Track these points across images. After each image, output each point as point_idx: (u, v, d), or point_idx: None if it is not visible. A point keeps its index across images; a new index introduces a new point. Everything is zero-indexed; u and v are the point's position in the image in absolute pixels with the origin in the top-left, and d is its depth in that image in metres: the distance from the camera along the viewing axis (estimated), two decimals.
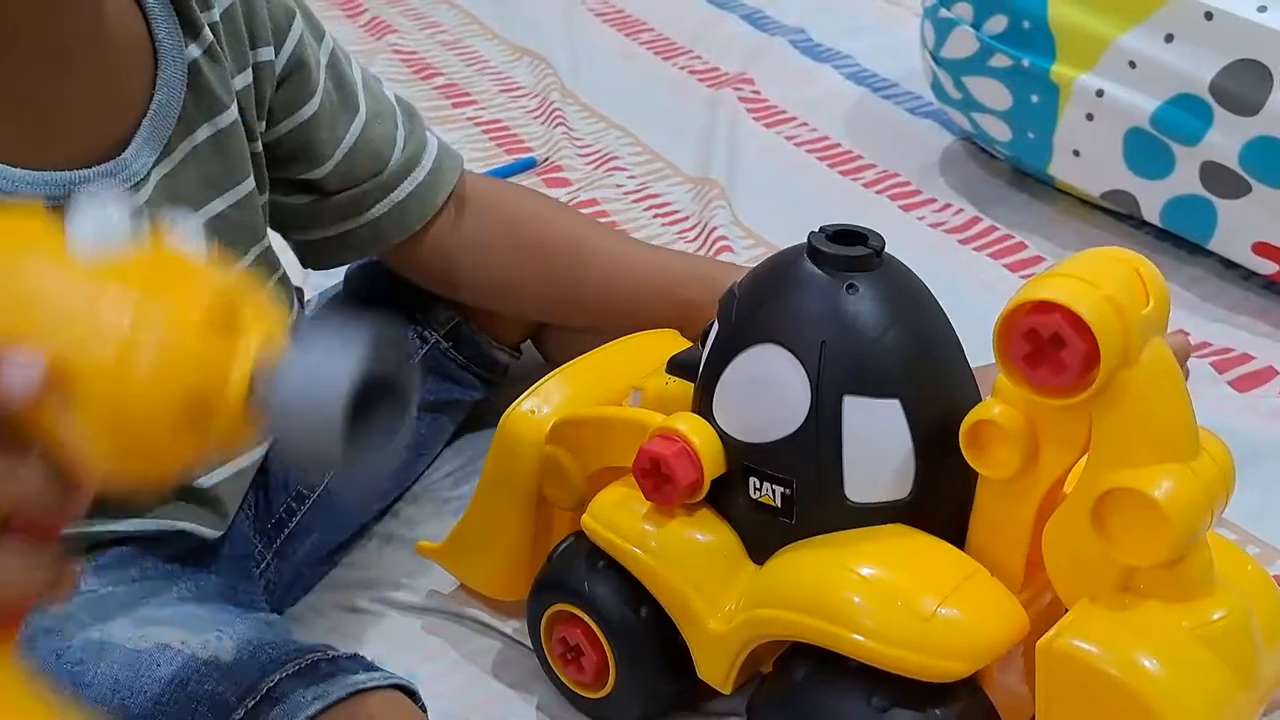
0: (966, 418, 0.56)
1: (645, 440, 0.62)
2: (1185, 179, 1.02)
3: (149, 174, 0.62)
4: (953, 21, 1.13)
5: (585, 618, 0.66)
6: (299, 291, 0.81)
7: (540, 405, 0.70)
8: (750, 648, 0.60)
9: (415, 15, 1.67)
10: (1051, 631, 0.53)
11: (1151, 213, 1.07)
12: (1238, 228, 1.02)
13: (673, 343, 0.72)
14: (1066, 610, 0.55)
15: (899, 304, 0.59)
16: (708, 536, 0.62)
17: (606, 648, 0.66)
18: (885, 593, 0.56)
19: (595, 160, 1.30)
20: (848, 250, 0.59)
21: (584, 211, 1.17)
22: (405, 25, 1.64)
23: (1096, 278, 0.51)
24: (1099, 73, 1.05)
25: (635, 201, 1.22)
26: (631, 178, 1.27)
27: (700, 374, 0.63)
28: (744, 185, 1.23)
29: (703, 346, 0.64)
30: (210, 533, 0.69)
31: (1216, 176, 1.00)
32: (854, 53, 1.49)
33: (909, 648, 0.55)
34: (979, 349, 0.60)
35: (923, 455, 0.58)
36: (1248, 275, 1.06)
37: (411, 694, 0.60)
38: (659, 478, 0.61)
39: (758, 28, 1.57)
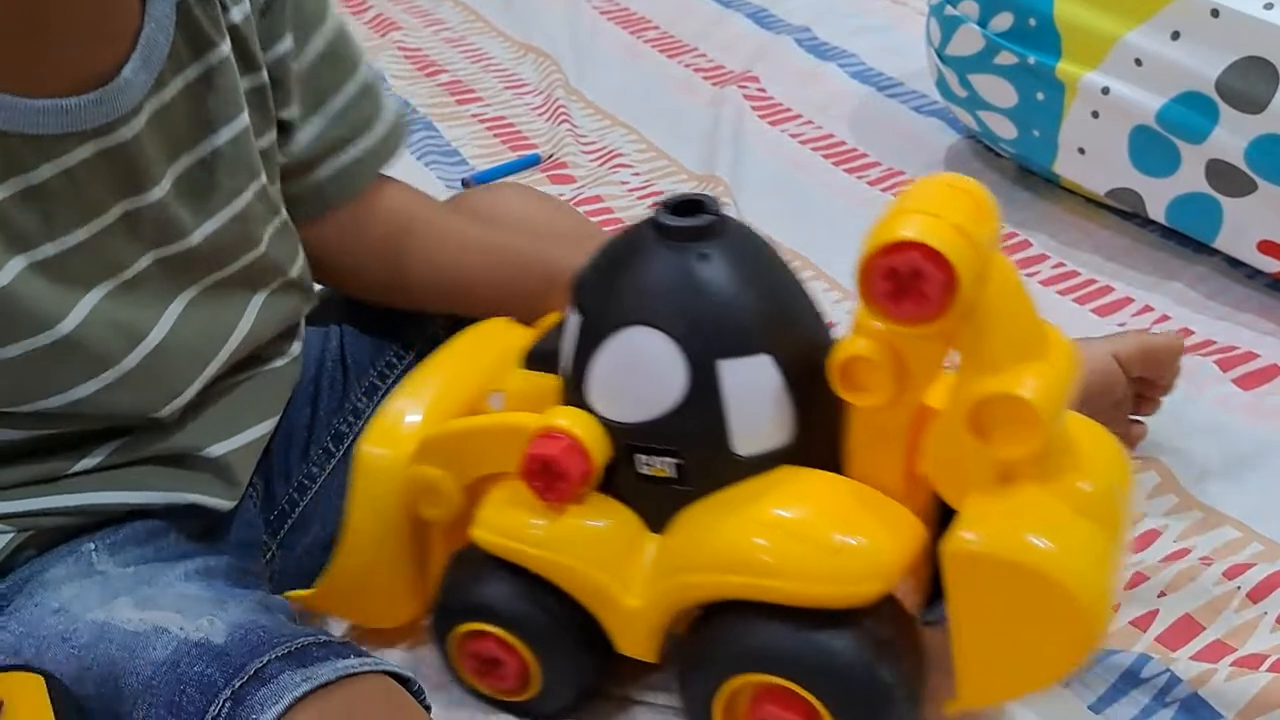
0: (835, 356, 0.58)
1: (526, 443, 0.62)
2: (1191, 177, 1.02)
3: (141, 105, 0.62)
4: (958, 19, 1.13)
5: (495, 630, 0.66)
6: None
7: (395, 425, 0.69)
8: (673, 615, 0.62)
9: (420, 13, 1.67)
10: (949, 534, 0.55)
11: (1157, 211, 1.07)
12: (1243, 226, 1.02)
13: (507, 332, 0.72)
14: (946, 509, 0.59)
15: (750, 264, 0.61)
16: (604, 520, 0.63)
17: (525, 652, 0.66)
18: (792, 534, 0.59)
19: (600, 158, 1.30)
20: (692, 221, 0.60)
21: (587, 209, 1.18)
22: (410, 22, 1.64)
23: (939, 208, 0.53)
24: (1105, 70, 1.05)
25: (640, 199, 1.22)
26: (636, 175, 1.27)
27: (566, 364, 0.64)
28: (749, 183, 1.23)
29: (560, 338, 0.64)
30: (220, 503, 0.69)
31: (1222, 174, 1.00)
32: (859, 51, 1.49)
33: (826, 581, 0.57)
34: None
35: (797, 400, 0.61)
36: (1253, 273, 1.06)
37: (405, 681, 0.60)
38: (550, 477, 0.62)
39: (763, 26, 1.57)
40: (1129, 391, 0.82)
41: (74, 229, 0.61)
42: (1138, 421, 0.85)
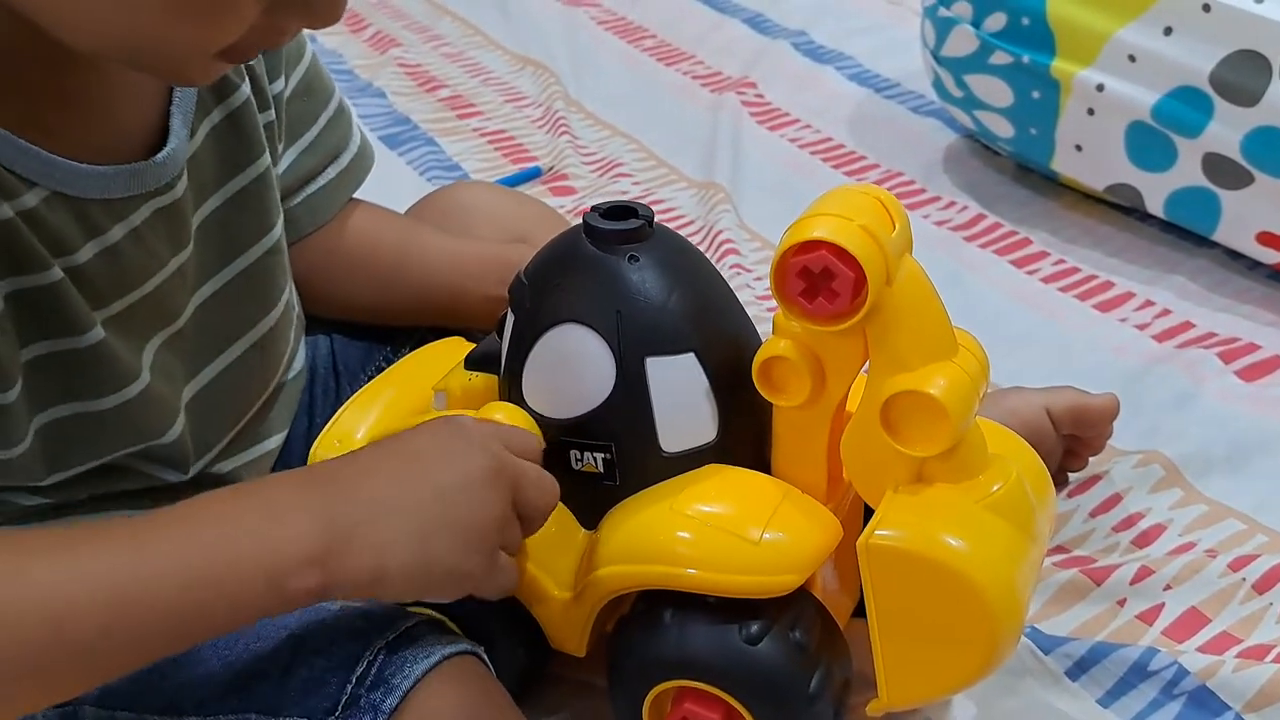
0: (756, 357, 0.60)
1: None
2: (1188, 171, 1.03)
3: (184, 162, 0.63)
4: (952, 20, 1.14)
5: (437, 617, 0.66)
6: None
7: (347, 433, 0.69)
8: (598, 608, 0.63)
9: (419, 29, 1.68)
10: (866, 530, 0.57)
11: (1155, 205, 1.07)
12: (1242, 218, 1.02)
13: (460, 348, 0.73)
14: (868, 509, 0.60)
15: (678, 266, 0.63)
16: None
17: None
18: (714, 527, 0.60)
19: (600, 168, 1.31)
20: (622, 225, 0.62)
21: None
22: (409, 39, 1.65)
23: (849, 212, 0.56)
24: (1099, 67, 1.05)
25: None
26: (636, 184, 1.28)
27: (504, 364, 0.65)
28: (748, 188, 1.24)
29: (499, 337, 0.66)
30: None
31: (1219, 168, 1.00)
32: (856, 54, 1.49)
33: (744, 571, 0.59)
34: (987, 343, 0.62)
35: (722, 399, 0.63)
36: (1253, 265, 1.06)
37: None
38: None
39: (760, 31, 1.57)
40: (1058, 447, 0.83)
41: (140, 285, 0.62)
42: (1063, 476, 0.85)
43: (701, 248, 1.14)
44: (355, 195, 0.81)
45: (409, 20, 1.71)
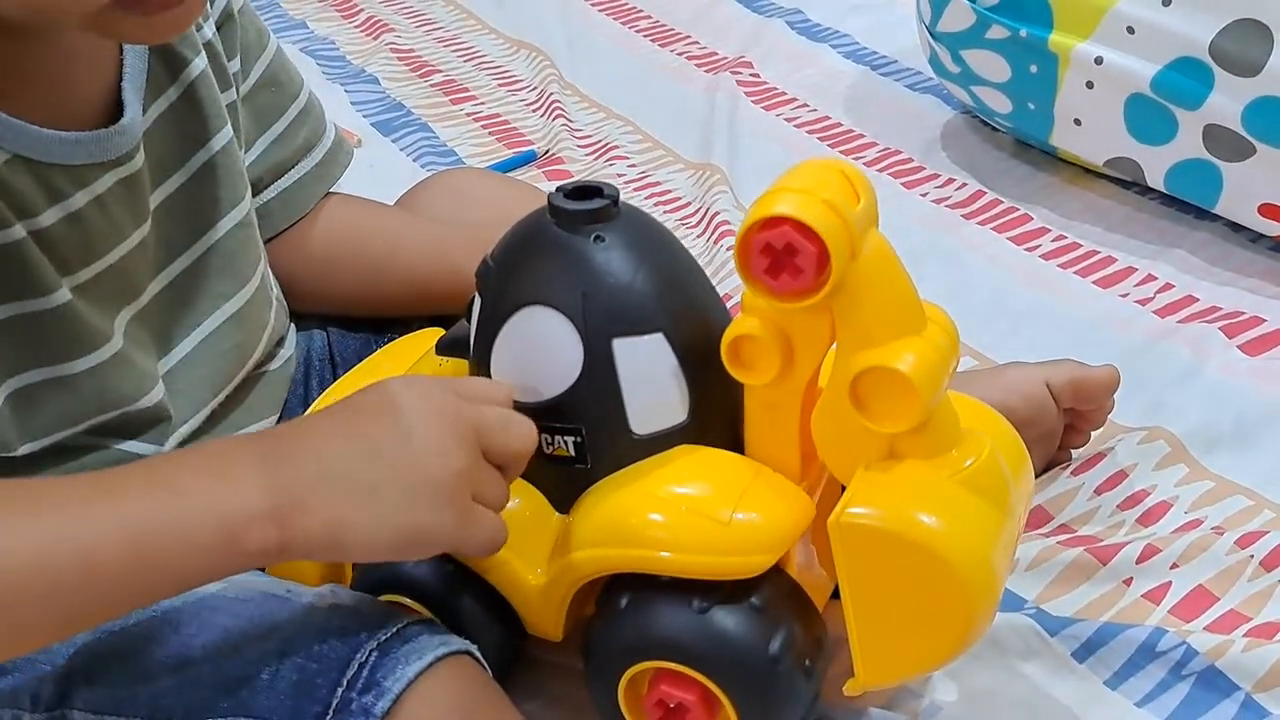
0: (725, 336, 0.59)
1: None
2: (1188, 143, 1.01)
3: (140, 135, 0.64)
4: None
5: (409, 604, 0.66)
6: None
7: None
8: (572, 592, 0.63)
9: (411, 13, 1.67)
10: (836, 509, 0.56)
11: (1156, 178, 1.06)
12: (1243, 190, 1.01)
13: (435, 337, 0.73)
14: (844, 488, 0.59)
15: (643, 246, 0.62)
16: (512, 501, 0.63)
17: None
18: (685, 509, 0.60)
19: (596, 151, 1.30)
20: (587, 204, 0.62)
21: None
22: (402, 24, 1.64)
23: (811, 186, 0.55)
24: (1097, 40, 1.04)
25: (637, 190, 1.22)
26: (632, 166, 1.27)
27: (472, 348, 0.65)
28: (745, 169, 1.23)
29: (468, 321, 0.65)
30: None
31: (1220, 139, 0.99)
32: (852, 31, 1.48)
33: (716, 552, 0.59)
34: (988, 321, 0.61)
35: (692, 379, 0.62)
36: (1255, 237, 1.05)
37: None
38: None
39: (754, 10, 1.56)
40: (1060, 423, 0.82)
41: (105, 254, 0.63)
42: (1066, 453, 0.84)
43: (698, 230, 1.13)
44: (346, 190, 0.81)
45: (401, 5, 1.70)
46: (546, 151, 1.30)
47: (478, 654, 0.60)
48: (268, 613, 0.60)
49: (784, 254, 0.55)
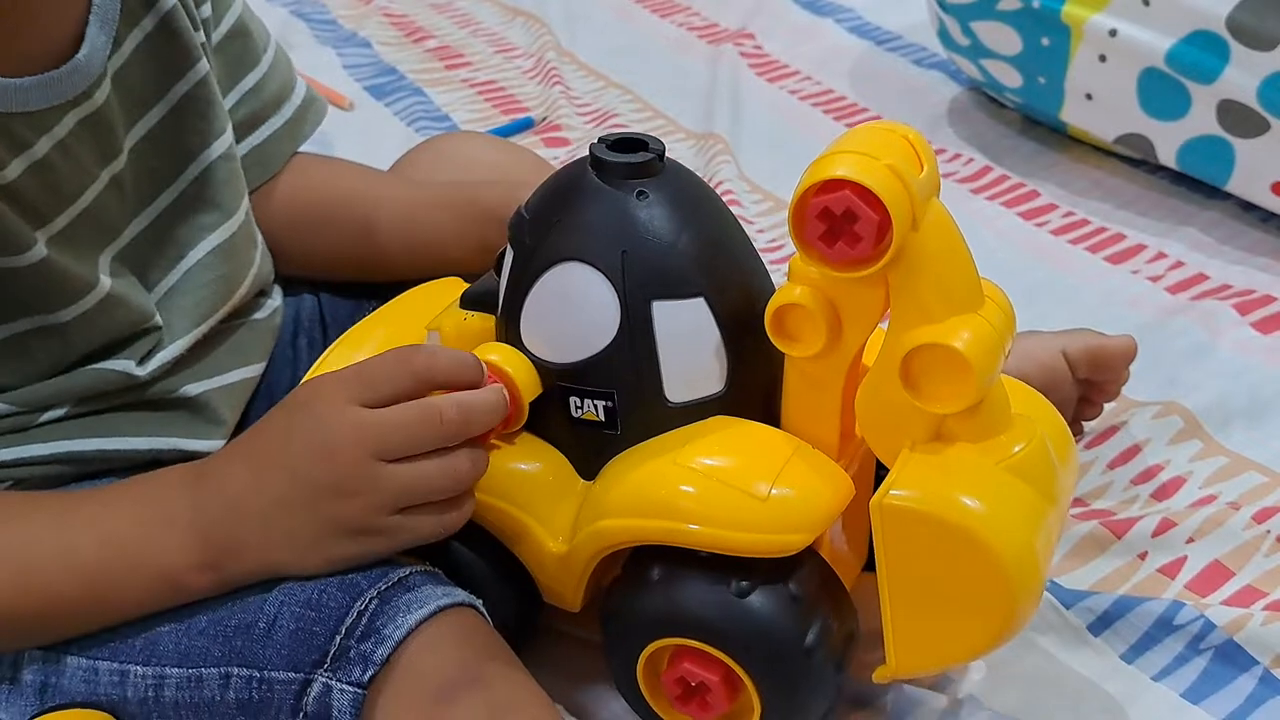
0: (770, 304, 0.57)
1: None
2: (1202, 119, 1.00)
3: (105, 68, 0.62)
4: None
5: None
6: None
7: (335, 368, 0.66)
8: (595, 562, 0.60)
9: None
10: (880, 490, 0.54)
11: (1168, 155, 1.05)
12: (1256, 168, 0.99)
13: (456, 288, 0.70)
14: (880, 467, 0.58)
15: (688, 206, 0.59)
16: (533, 463, 0.61)
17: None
18: (720, 481, 0.57)
19: (595, 118, 1.28)
20: (632, 158, 0.59)
21: None
22: None
23: (874, 150, 0.52)
24: (1111, 11, 1.02)
25: None
26: None
27: (501, 303, 0.62)
28: (748, 140, 1.21)
29: (498, 275, 0.63)
30: (203, 445, 0.68)
31: (1234, 115, 0.98)
32: (856, 5, 1.46)
33: (751, 529, 0.56)
34: None
35: (732, 348, 0.59)
36: (1267, 216, 1.04)
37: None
38: None
39: None
40: (1074, 393, 0.80)
41: (76, 199, 0.62)
42: (1078, 425, 0.82)
43: None
44: (339, 154, 0.78)
45: None
46: (544, 118, 1.28)
47: (482, 609, 0.58)
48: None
49: (842, 220, 0.52)
